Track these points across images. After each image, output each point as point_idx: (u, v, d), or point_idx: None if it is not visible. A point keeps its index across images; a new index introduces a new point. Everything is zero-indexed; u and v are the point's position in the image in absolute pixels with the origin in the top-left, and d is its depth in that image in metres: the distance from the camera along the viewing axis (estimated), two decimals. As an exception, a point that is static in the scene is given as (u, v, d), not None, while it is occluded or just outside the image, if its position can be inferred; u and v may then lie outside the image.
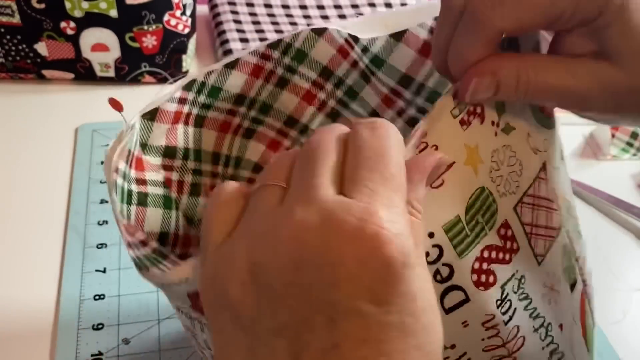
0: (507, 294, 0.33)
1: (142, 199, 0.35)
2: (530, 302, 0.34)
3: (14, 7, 0.66)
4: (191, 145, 0.39)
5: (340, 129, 0.28)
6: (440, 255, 0.30)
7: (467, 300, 0.31)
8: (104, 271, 0.53)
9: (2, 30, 0.68)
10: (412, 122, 0.43)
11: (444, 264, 0.30)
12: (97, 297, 0.51)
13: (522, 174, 0.34)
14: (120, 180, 0.33)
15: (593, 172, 0.69)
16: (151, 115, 0.36)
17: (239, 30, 0.79)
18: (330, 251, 0.23)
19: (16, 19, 0.67)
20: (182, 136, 0.38)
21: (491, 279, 0.32)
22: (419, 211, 0.27)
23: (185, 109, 0.38)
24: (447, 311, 0.31)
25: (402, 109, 0.43)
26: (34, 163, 0.63)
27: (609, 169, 0.70)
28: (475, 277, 0.31)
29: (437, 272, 0.30)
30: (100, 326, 0.49)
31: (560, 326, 0.36)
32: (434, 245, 0.30)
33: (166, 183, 0.37)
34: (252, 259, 0.24)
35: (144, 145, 0.36)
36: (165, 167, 0.37)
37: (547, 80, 0.30)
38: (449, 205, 0.30)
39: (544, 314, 0.35)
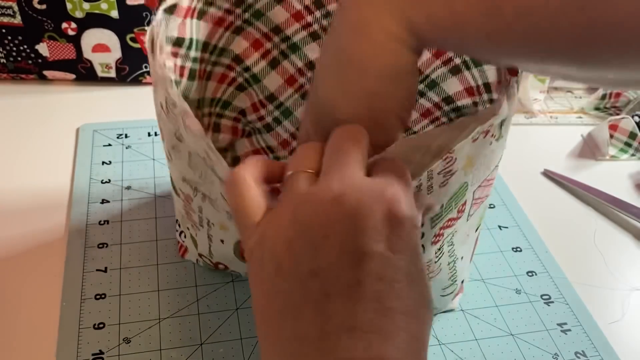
0: (443, 245, 0.44)
1: None
2: (453, 247, 0.45)
3: (15, 7, 0.66)
4: (194, 36, 0.47)
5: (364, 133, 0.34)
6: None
7: (424, 252, 0.43)
8: (105, 270, 0.53)
9: (4, 31, 0.68)
10: None
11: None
12: (98, 297, 0.51)
13: (491, 167, 0.43)
14: (168, 72, 0.39)
15: (591, 172, 0.69)
16: (170, 10, 0.43)
17: (239, 31, 0.79)
18: (362, 207, 0.29)
19: (17, 20, 0.67)
20: (189, 28, 0.45)
21: (439, 238, 0.43)
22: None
23: (194, 4, 0.45)
24: None
25: None
26: (35, 163, 0.64)
27: (607, 169, 0.70)
28: (433, 238, 0.42)
29: None
30: (101, 325, 0.49)
31: (462, 258, 0.48)
32: None
33: (174, 68, 0.44)
34: (297, 218, 0.30)
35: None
36: (173, 54, 0.44)
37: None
38: (441, 197, 0.40)
39: (457, 253, 0.46)
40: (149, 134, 0.68)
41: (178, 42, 0.45)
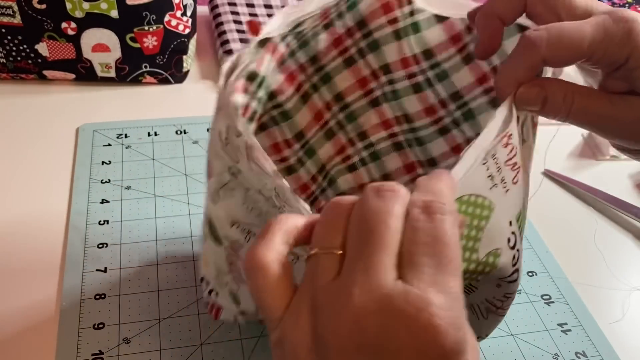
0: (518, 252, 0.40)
1: None
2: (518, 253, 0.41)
3: (15, 7, 0.66)
4: (267, 73, 0.43)
5: (401, 195, 0.28)
6: (515, 241, 0.37)
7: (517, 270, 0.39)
8: (105, 271, 0.53)
9: (3, 30, 0.68)
10: (417, 88, 0.50)
11: (517, 250, 0.38)
12: (97, 297, 0.51)
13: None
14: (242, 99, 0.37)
15: (592, 172, 0.69)
16: (262, 44, 0.40)
17: (239, 31, 0.79)
18: (390, 340, 0.24)
19: (17, 20, 0.67)
20: (265, 66, 0.42)
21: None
22: None
23: (279, 46, 0.43)
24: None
25: (414, 73, 0.50)
26: (35, 163, 0.64)
27: (607, 169, 0.70)
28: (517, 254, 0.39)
29: (513, 257, 0.38)
30: (101, 325, 0.49)
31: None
32: (512, 232, 0.37)
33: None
34: (316, 331, 0.26)
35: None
36: (244, 90, 0.41)
37: (589, 105, 0.36)
38: (518, 199, 0.37)
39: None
40: (149, 134, 0.68)
41: (250, 77, 0.40)
